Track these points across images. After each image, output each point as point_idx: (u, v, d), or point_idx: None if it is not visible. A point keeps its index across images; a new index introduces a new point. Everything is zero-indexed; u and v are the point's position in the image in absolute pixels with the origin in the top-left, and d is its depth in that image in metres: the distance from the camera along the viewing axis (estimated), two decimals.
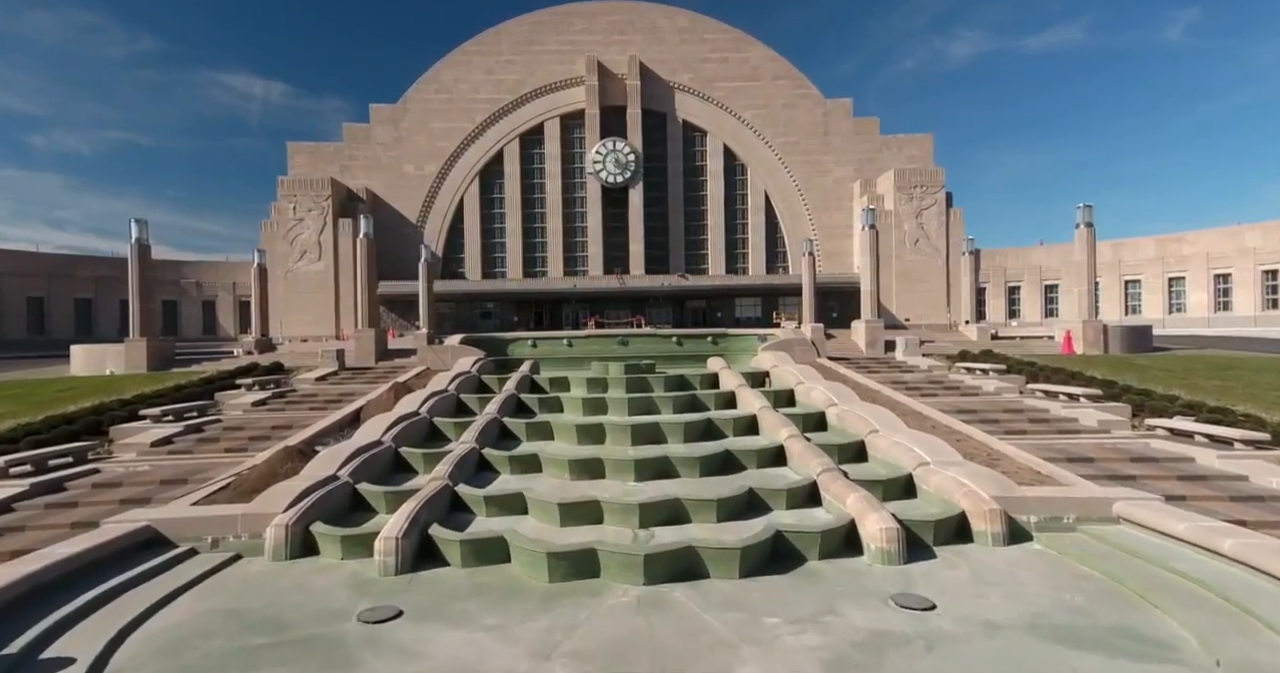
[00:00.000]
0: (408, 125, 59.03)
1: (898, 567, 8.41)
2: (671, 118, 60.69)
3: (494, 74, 59.49)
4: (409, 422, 14.62)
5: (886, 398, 17.56)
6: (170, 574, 8.37)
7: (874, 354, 28.01)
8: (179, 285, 52.45)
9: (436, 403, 16.76)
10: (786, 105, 59.96)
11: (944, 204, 53.63)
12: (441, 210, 59.69)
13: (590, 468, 12.14)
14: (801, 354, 25.02)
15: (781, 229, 61.15)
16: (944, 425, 14.68)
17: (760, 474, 12.19)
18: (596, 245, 60.23)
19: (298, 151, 57.50)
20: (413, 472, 12.80)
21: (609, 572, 8.19)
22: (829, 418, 15.41)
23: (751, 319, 58.47)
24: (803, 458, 12.02)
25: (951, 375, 21.10)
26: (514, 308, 59.47)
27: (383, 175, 58.61)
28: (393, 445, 13.18)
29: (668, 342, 29.92)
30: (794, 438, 13.06)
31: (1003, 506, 9.25)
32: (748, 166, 60.97)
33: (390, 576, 8.42)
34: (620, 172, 59.08)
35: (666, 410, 17.31)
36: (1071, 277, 53.97)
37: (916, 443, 12.00)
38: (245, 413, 17.43)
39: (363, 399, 18.53)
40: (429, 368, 25.02)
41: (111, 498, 10.71)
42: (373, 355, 28.37)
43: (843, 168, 59.57)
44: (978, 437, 13.60)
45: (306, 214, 52.60)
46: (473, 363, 23.11)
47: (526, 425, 15.15)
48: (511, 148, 60.23)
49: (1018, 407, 16.38)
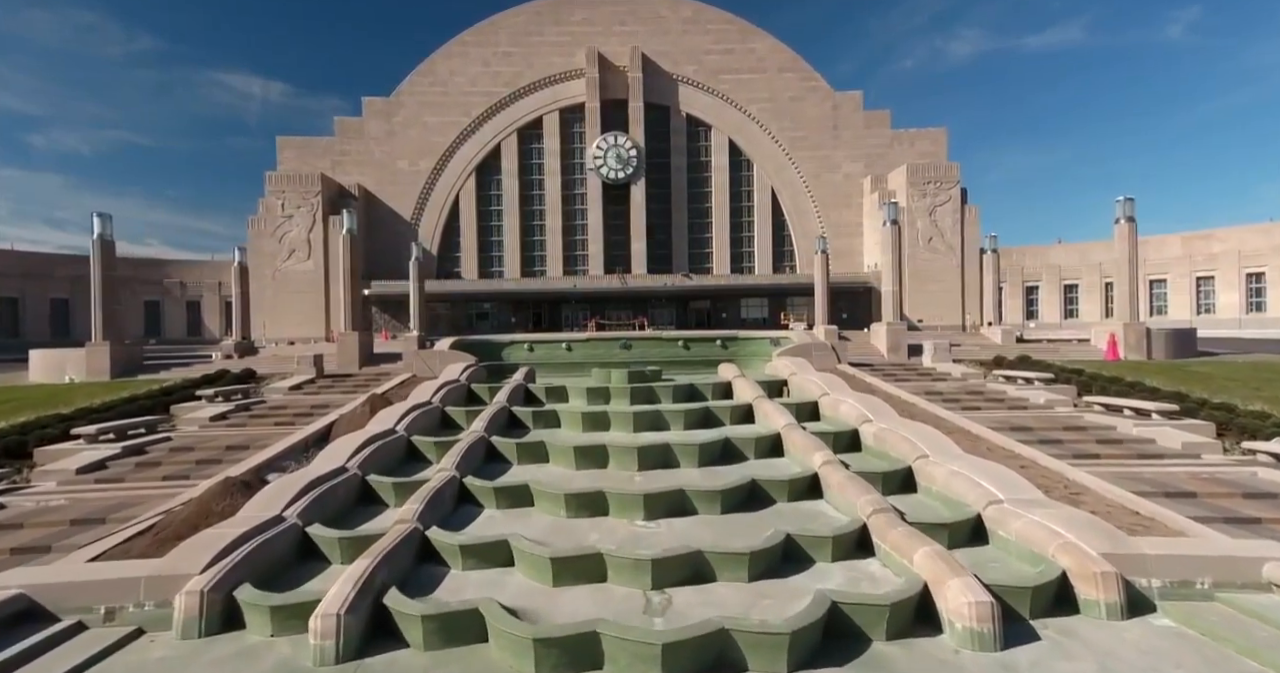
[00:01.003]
0: (401, 120, 57.00)
1: (995, 654, 6.42)
2: (675, 112, 58.66)
3: (491, 66, 57.46)
4: (382, 442, 12.66)
5: (925, 412, 15.56)
6: (41, 663, 6.39)
7: (897, 359, 26.02)
8: (162, 285, 50.43)
9: (417, 418, 14.80)
10: (794, 98, 57.91)
11: (959, 201, 51.59)
12: (437, 208, 57.69)
13: (591, 504, 10.19)
14: (821, 360, 23.03)
15: (788, 227, 59.12)
16: (1000, 447, 12.69)
17: (794, 511, 10.24)
18: (597, 244, 58.25)
19: (287, 146, 55.48)
20: (381, 505, 10.86)
21: (615, 664, 6.22)
22: (864, 437, 13.44)
23: (757, 320, 56.45)
24: (843, 491, 10.05)
25: (990, 385, 19.08)
26: (512, 309, 57.48)
27: (375, 171, 56.60)
28: (358, 473, 11.21)
29: (673, 345, 27.93)
30: (830, 465, 11.10)
31: (1116, 566, 7.25)
32: (753, 162, 58.92)
33: (329, 665, 6.44)
34: (622, 167, 57.08)
35: (677, 425, 15.37)
36: (1092, 276, 52.01)
37: (981, 473, 10.01)
38: (200, 430, 15.44)
39: (336, 413, 16.55)
40: (415, 375, 23.04)
41: (0, 547, 8.71)
42: (356, 361, 26.39)
43: (852, 163, 57.53)
44: (1045, 463, 11.61)
45: (295, 211, 50.60)
46: (462, 370, 21.16)
47: (518, 446, 13.18)
48: (509, 143, 58.21)
49: (1078, 424, 14.37)
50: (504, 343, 27.95)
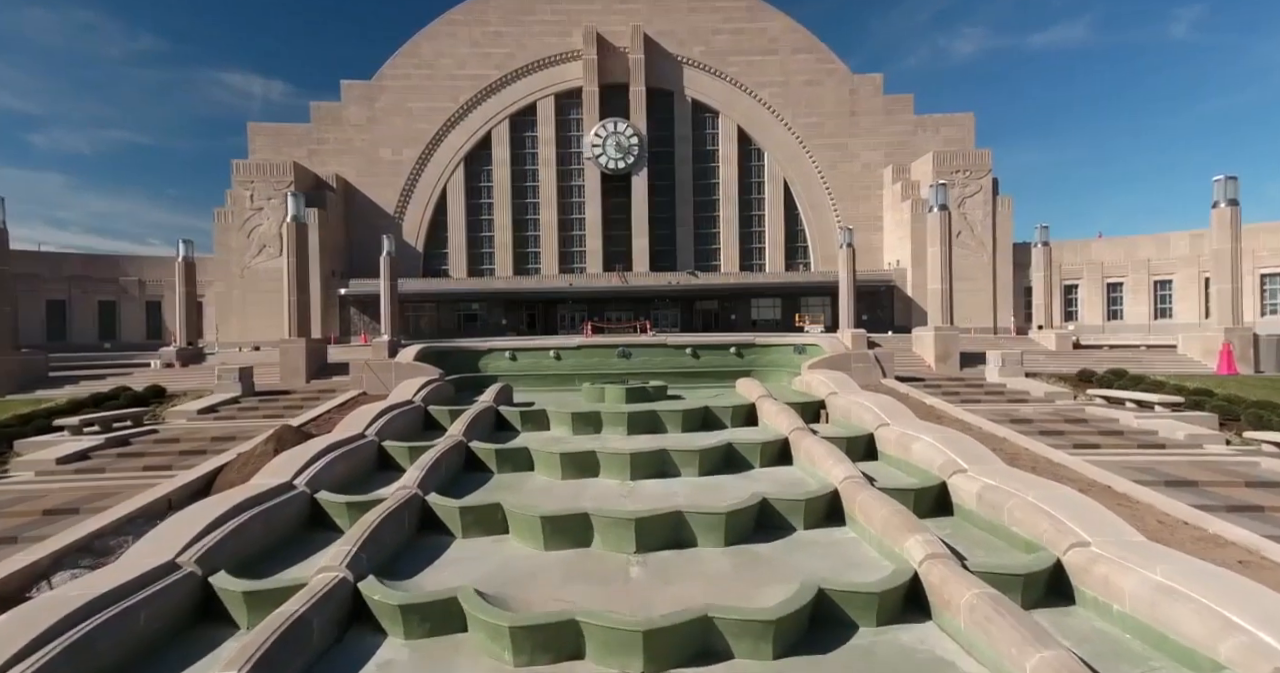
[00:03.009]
0: (384, 105, 52.91)
1: None
2: (679, 97, 54.53)
3: (480, 47, 53.37)
4: (265, 506, 8.52)
5: (1025, 452, 11.37)
6: None
7: (948, 372, 21.85)
8: (119, 284, 46.23)
9: (336, 461, 10.67)
10: (809, 82, 53.69)
11: (990, 191, 47.37)
12: (422, 201, 53.62)
13: (556, 640, 5.95)
14: (863, 373, 18.85)
15: (802, 221, 54.97)
16: (1172, 518, 8.50)
17: (894, 649, 6.03)
18: (595, 240, 54.18)
19: (259, 133, 51.44)
20: (229, 625, 6.73)
21: None
22: (960, 497, 9.29)
23: (770, 322, 52.32)
24: (978, 622, 5.83)
25: (1091, 410, 14.84)
26: (503, 310, 53.40)
27: (356, 161, 52.52)
28: (196, 571, 7.04)
29: (680, 354, 23.73)
30: (937, 560, 6.86)
31: None
32: (764, 151, 54.77)
33: None
34: (622, 157, 52.94)
35: (689, 469, 11.24)
36: (1139, 273, 47.67)
37: (1210, 590, 5.81)
38: (37, 476, 11.30)
39: (236, 450, 12.41)
40: (366, 393, 18.91)
41: None
42: (303, 372, 22.27)
43: (872, 152, 53.31)
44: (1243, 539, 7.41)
45: (266, 203, 46.51)
46: (418, 388, 16.98)
47: (463, 513, 8.98)
48: (500, 130, 54.12)
49: (1275, 479, 10.12)
50: (481, 351, 23.74)
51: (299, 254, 24.17)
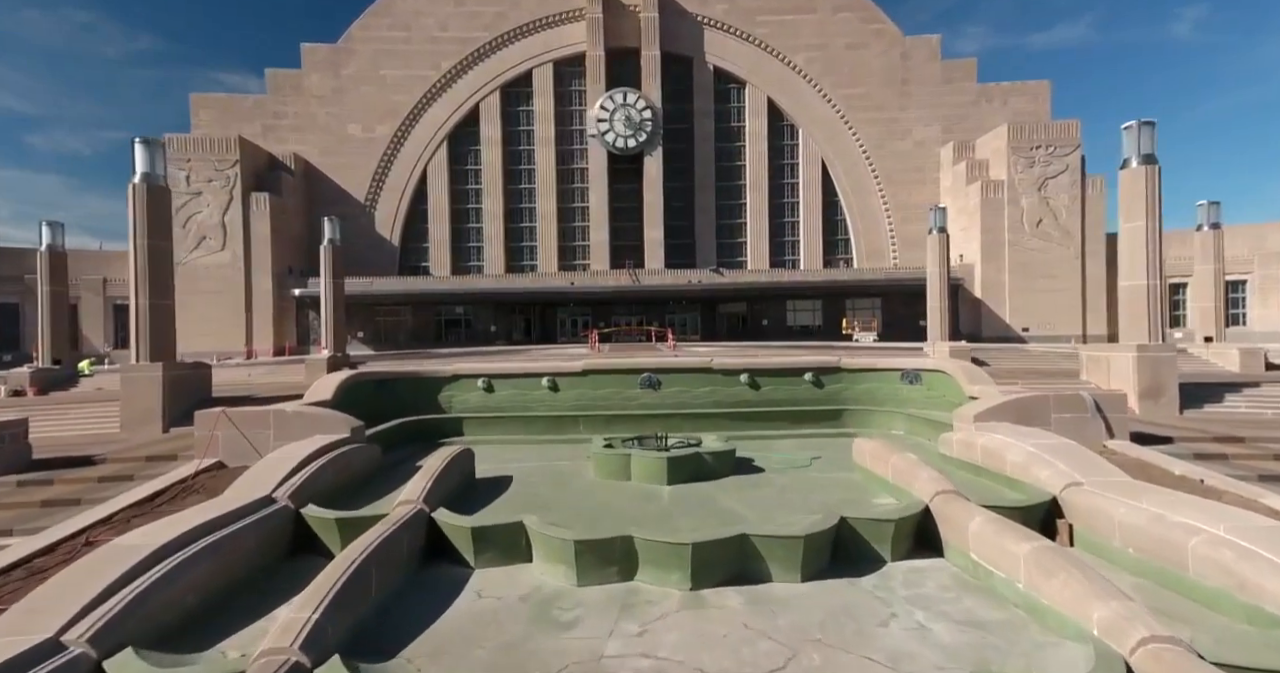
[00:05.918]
0: (352, 73, 45.13)
1: None
2: (699, 64, 46.88)
3: (466, 5, 45.78)
4: None
5: None
6: None
7: (1166, 412, 13.97)
8: (23, 283, 38.34)
9: None
10: (852, 46, 45.83)
11: (1079, 171, 39.44)
12: (398, 186, 45.91)
13: None
14: (1074, 429, 10.88)
15: (843, 209, 47.06)
16: None
17: None
18: (601, 231, 46.65)
19: (204, 105, 43.64)
20: None
21: None
22: None
23: (808, 328, 44.57)
24: None
25: None
26: (492, 314, 45.66)
27: (319, 138, 44.77)
28: None
29: (732, 382, 15.78)
30: None
31: None
32: (799, 127, 47.07)
33: None
34: (633, 133, 45.23)
35: None
36: (1268, 268, 39.64)
37: None
38: None
39: None
40: (222, 463, 10.97)
41: None
42: (159, 417, 14.40)
43: (926, 127, 45.46)
44: None
45: (205, 186, 38.72)
46: (297, 465, 8.89)
47: None
48: (490, 103, 46.48)
49: None
50: (443, 378, 15.62)
51: (154, 226, 16.28)
